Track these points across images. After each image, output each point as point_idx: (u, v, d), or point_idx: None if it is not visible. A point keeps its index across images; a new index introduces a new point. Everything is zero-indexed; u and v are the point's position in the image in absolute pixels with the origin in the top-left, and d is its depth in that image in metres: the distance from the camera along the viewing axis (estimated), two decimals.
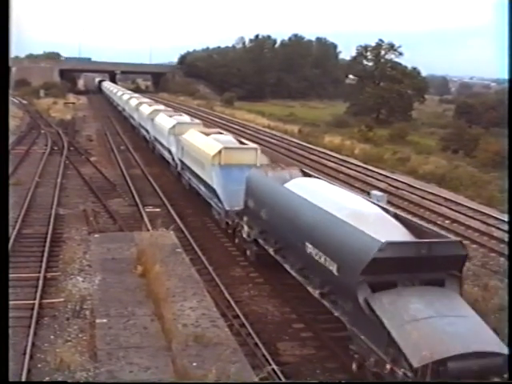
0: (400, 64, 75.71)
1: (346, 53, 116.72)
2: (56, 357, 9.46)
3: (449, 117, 72.75)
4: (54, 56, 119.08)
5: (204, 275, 13.58)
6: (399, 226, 10.71)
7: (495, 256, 17.45)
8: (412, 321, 8.65)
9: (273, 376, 9.59)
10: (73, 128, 44.03)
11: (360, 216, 10.57)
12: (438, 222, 20.16)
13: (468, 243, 16.65)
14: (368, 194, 14.77)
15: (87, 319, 10.98)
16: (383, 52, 77.11)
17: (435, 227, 11.68)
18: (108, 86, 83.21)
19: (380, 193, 17.77)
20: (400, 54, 75.75)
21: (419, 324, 8.58)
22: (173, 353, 8.49)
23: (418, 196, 25.23)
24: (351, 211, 10.87)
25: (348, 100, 79.03)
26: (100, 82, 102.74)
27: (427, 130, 62.16)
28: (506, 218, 19.56)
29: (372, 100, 70.49)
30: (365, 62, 79.28)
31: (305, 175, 15.22)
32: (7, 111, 5.30)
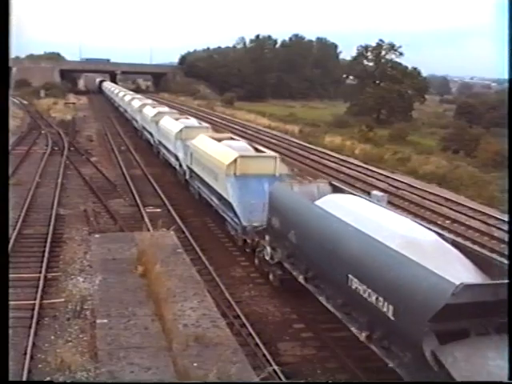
0: (400, 64, 75.80)
1: (347, 53, 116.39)
2: (56, 357, 9.46)
3: (449, 117, 72.76)
4: (55, 56, 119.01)
5: (205, 275, 13.59)
6: (462, 258, 9.21)
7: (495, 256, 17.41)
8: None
9: (273, 376, 9.59)
10: (73, 128, 44.02)
11: (416, 246, 9.11)
12: (439, 223, 20.17)
13: (468, 243, 16.61)
14: (369, 194, 14.70)
15: (88, 319, 10.99)
16: (384, 52, 77.17)
17: (497, 255, 10.13)
18: (109, 87, 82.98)
19: (380, 193, 17.76)
20: (400, 54, 75.93)
21: None
22: (173, 353, 8.49)
23: (419, 196, 25.23)
24: (405, 240, 9.30)
25: (348, 100, 79.00)
26: (101, 83, 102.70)
27: (428, 130, 62.13)
28: (507, 218, 19.56)
29: (372, 100, 70.45)
30: (365, 62, 79.37)
31: (334, 189, 13.60)
32: (7, 111, 5.30)
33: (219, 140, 20.45)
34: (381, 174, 30.36)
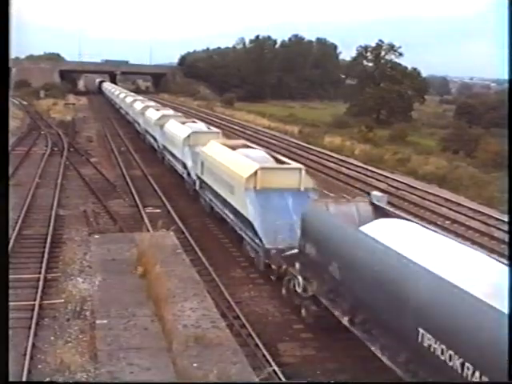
0: (400, 64, 75.87)
1: (347, 53, 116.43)
2: (56, 358, 9.46)
3: (449, 117, 72.75)
4: (55, 57, 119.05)
5: (204, 276, 13.58)
6: None
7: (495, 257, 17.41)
8: None
9: (273, 377, 9.59)
10: (73, 129, 44.02)
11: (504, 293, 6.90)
12: (439, 223, 20.16)
13: (468, 244, 16.61)
14: (368, 195, 14.68)
15: (87, 320, 10.97)
16: (383, 52, 77.22)
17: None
18: (109, 88, 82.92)
19: (380, 193, 17.74)
20: (400, 55, 75.99)
21: None
22: (173, 353, 8.49)
23: (419, 196, 25.23)
24: (491, 285, 7.29)
25: (348, 100, 79.02)
26: (100, 83, 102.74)
27: (427, 131, 62.14)
28: (507, 219, 19.55)
29: (372, 100, 70.46)
30: (365, 63, 79.40)
31: (376, 209, 11.90)
32: (7, 112, 5.29)
33: (233, 148, 18.72)
34: (380, 175, 30.36)
